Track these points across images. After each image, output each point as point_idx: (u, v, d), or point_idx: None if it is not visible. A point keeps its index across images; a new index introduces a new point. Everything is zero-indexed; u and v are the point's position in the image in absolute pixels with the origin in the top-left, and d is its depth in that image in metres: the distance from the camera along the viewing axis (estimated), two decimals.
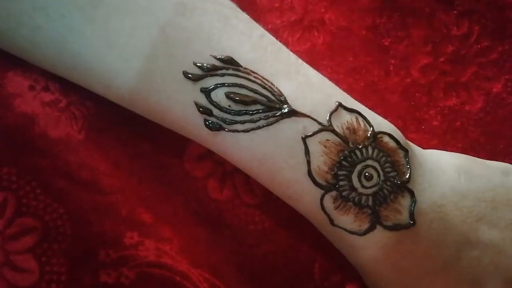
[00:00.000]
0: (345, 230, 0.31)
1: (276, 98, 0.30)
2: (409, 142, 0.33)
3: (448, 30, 0.39)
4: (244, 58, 0.30)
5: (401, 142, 0.32)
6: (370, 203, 0.31)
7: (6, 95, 0.34)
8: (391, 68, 0.39)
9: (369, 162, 0.31)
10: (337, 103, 0.31)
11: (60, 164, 0.34)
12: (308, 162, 0.30)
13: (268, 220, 0.37)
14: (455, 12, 0.39)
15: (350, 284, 0.36)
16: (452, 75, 0.39)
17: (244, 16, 0.32)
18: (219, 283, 0.35)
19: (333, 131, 0.30)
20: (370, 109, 0.33)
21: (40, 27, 0.30)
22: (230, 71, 0.30)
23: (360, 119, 0.31)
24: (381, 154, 0.31)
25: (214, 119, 0.30)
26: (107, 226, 0.34)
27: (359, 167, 0.31)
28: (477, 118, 0.39)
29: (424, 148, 0.34)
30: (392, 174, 0.31)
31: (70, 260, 0.34)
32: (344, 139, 0.31)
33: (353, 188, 0.31)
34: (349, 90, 0.36)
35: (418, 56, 0.39)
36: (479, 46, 0.39)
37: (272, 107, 0.30)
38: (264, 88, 0.30)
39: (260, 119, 0.30)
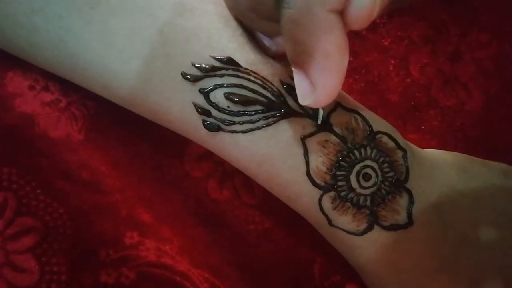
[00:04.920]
0: (344, 230, 0.31)
1: (276, 99, 0.30)
2: (408, 142, 0.33)
3: (448, 30, 0.39)
4: (244, 58, 0.30)
5: (399, 142, 0.32)
6: (368, 203, 0.31)
7: (6, 95, 0.34)
8: (391, 68, 0.39)
9: (368, 162, 0.31)
10: (336, 103, 0.31)
11: (60, 164, 0.34)
12: (307, 163, 0.30)
13: (268, 220, 0.37)
14: (455, 12, 0.39)
15: (350, 284, 0.36)
16: (452, 75, 0.39)
17: None
18: (219, 283, 0.35)
19: (332, 131, 0.30)
20: (370, 109, 0.33)
21: (38, 28, 0.30)
22: (230, 72, 0.30)
23: (359, 119, 0.31)
24: (379, 154, 0.31)
25: (212, 120, 0.30)
26: (107, 226, 0.35)
27: (357, 167, 0.31)
28: (477, 118, 0.39)
29: (423, 148, 0.34)
30: (390, 174, 0.31)
31: (70, 260, 0.34)
32: (342, 139, 0.31)
33: (351, 189, 0.31)
34: (349, 90, 0.36)
35: (418, 56, 0.39)
36: (479, 45, 0.39)
37: (271, 107, 0.30)
38: (264, 88, 0.30)
39: (259, 119, 0.30)
